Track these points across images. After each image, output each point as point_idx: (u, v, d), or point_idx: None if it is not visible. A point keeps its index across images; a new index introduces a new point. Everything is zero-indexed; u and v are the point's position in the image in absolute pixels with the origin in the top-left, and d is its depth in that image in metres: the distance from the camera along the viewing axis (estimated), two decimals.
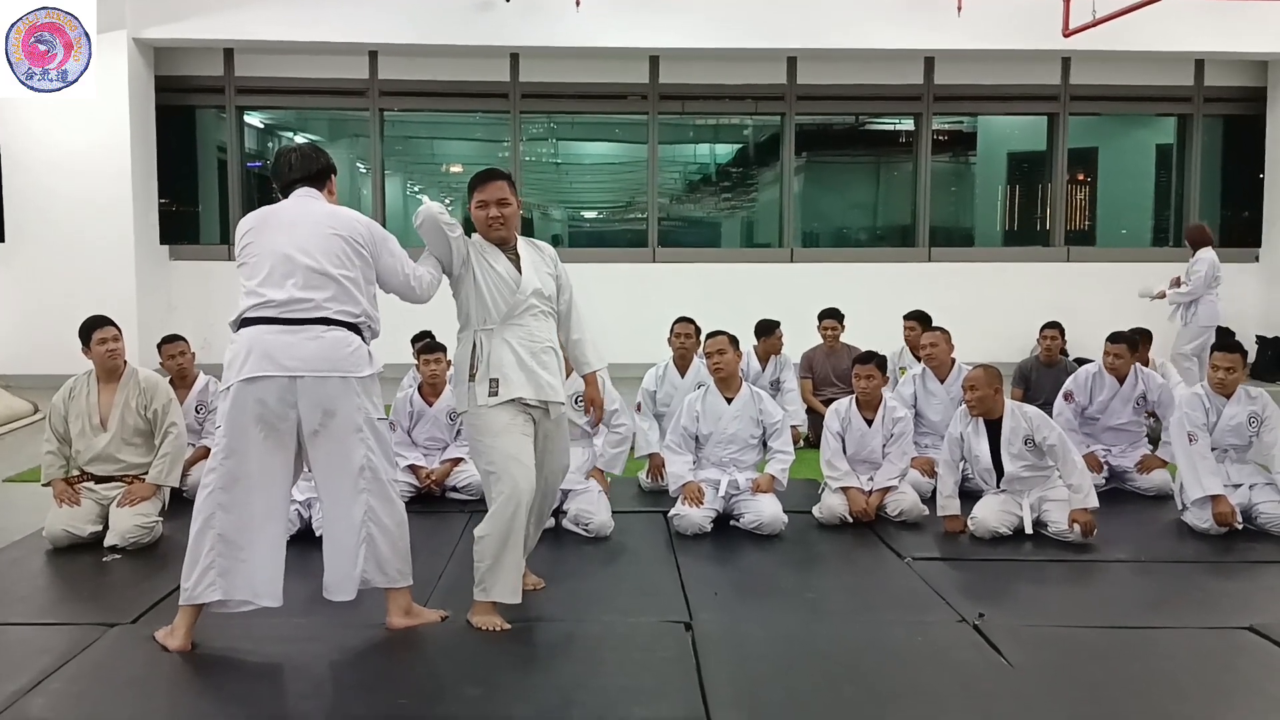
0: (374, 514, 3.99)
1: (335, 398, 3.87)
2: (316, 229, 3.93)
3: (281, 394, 3.81)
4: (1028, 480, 5.56)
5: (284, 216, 3.99)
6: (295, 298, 3.84)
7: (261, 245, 3.92)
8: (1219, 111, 12.79)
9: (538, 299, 4.26)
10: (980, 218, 13.88)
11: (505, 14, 11.05)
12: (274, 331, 3.82)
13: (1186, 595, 4.79)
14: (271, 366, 3.79)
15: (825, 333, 8.43)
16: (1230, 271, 12.41)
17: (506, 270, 4.22)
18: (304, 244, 3.88)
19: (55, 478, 5.43)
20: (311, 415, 3.86)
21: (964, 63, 12.14)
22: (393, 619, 4.10)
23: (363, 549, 3.99)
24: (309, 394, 3.83)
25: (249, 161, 12.43)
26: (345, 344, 3.89)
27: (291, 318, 3.83)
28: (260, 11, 10.97)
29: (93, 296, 9.68)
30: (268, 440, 3.87)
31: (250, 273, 3.91)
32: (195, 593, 3.87)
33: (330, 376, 3.85)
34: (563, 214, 14.21)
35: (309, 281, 3.86)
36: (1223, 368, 5.73)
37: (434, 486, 6.19)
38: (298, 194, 4.07)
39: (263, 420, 3.83)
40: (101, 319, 5.50)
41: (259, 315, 3.84)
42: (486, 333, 4.20)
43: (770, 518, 5.54)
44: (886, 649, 4.04)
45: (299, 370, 3.81)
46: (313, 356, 3.82)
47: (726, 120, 13.65)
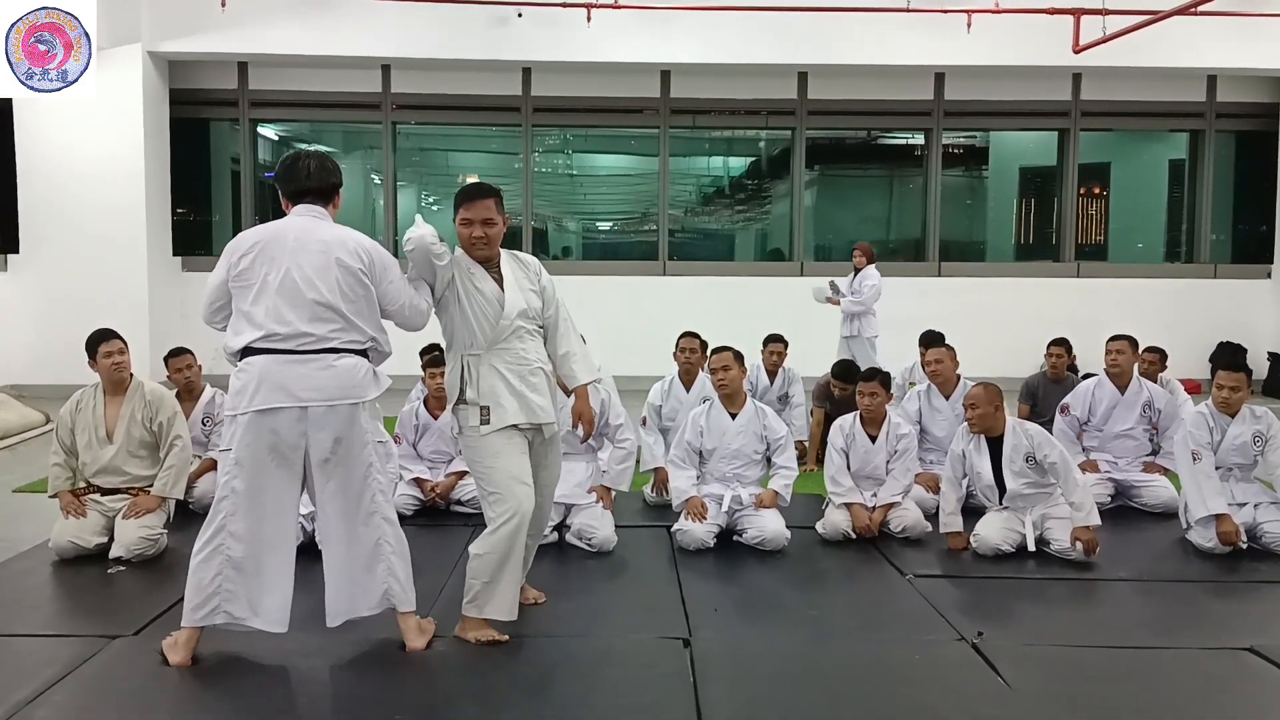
0: (387, 536, 4.04)
1: (346, 424, 3.89)
2: (322, 258, 3.88)
3: (294, 424, 3.82)
4: (1030, 497, 5.55)
5: (288, 240, 3.90)
6: (302, 331, 3.82)
7: (265, 271, 3.86)
8: (1231, 127, 12.78)
9: (523, 319, 4.23)
10: (992, 232, 13.87)
11: (517, 28, 11.12)
12: (284, 362, 3.81)
13: (1188, 615, 4.78)
14: (285, 398, 3.79)
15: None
16: (1242, 288, 12.46)
17: (491, 292, 4.17)
18: (309, 274, 3.85)
19: (62, 489, 5.46)
20: (323, 444, 3.87)
21: (974, 78, 12.16)
22: (412, 641, 4.09)
23: (381, 569, 4.03)
24: (321, 423, 3.84)
25: (264, 173, 12.54)
26: (355, 370, 3.91)
27: (301, 348, 3.83)
28: (274, 25, 11.07)
29: (106, 307, 9.75)
30: (280, 469, 3.88)
31: (253, 299, 3.86)
32: (198, 617, 3.89)
33: (342, 404, 3.87)
34: (576, 226, 14.25)
35: (316, 315, 3.85)
36: (1227, 387, 5.70)
37: (439, 500, 6.21)
38: (303, 210, 4.00)
39: (276, 450, 3.84)
40: (107, 332, 5.53)
41: (266, 346, 3.83)
42: (474, 357, 4.19)
43: (773, 533, 5.54)
44: (885, 668, 4.04)
45: (313, 400, 3.82)
46: (326, 386, 3.83)
47: (739, 134, 13.71)
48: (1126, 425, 6.76)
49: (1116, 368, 6.79)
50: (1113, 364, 6.80)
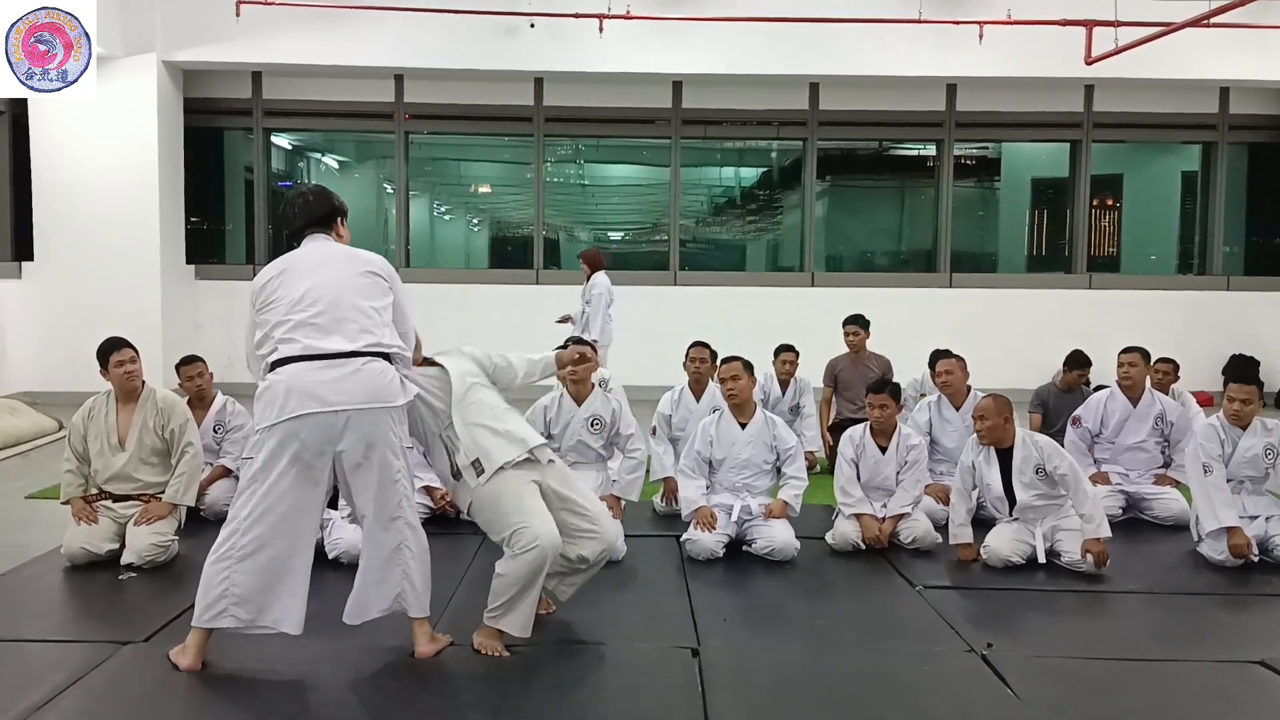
0: (408, 541, 4.06)
1: (378, 429, 3.90)
2: (345, 267, 3.99)
3: (324, 431, 3.81)
4: (1040, 509, 5.54)
5: (309, 260, 4.02)
6: (331, 333, 3.86)
7: (290, 289, 3.92)
8: (1244, 139, 12.76)
9: (473, 377, 4.33)
10: (1005, 243, 13.85)
11: (529, 38, 11.14)
12: (313, 369, 3.82)
13: (1199, 628, 4.75)
14: (316, 403, 3.79)
15: (849, 339, 8.38)
16: (1254, 300, 12.40)
17: (436, 376, 4.30)
18: (335, 281, 3.93)
19: (74, 496, 5.49)
20: (356, 448, 3.88)
21: (986, 89, 12.17)
22: (421, 646, 4.11)
23: (398, 573, 4.05)
24: (355, 427, 3.85)
25: (278, 181, 12.61)
26: (383, 374, 3.92)
27: (329, 352, 3.84)
28: (288, 35, 11.11)
29: (119, 315, 9.78)
30: (300, 476, 3.87)
31: (280, 316, 3.89)
32: (208, 618, 3.90)
33: (373, 408, 3.87)
34: (587, 236, 14.27)
35: (344, 315, 3.89)
36: (1238, 399, 5.69)
37: (449, 508, 6.21)
38: (311, 239, 4.11)
39: (299, 458, 3.84)
40: (119, 341, 5.54)
41: (293, 354, 3.84)
42: (449, 432, 4.23)
43: (783, 543, 5.54)
44: (893, 679, 4.03)
45: (345, 404, 3.81)
46: (356, 390, 3.84)
47: (751, 144, 13.72)
48: (1138, 438, 6.75)
49: (1129, 380, 6.77)
50: (1125, 376, 6.78)
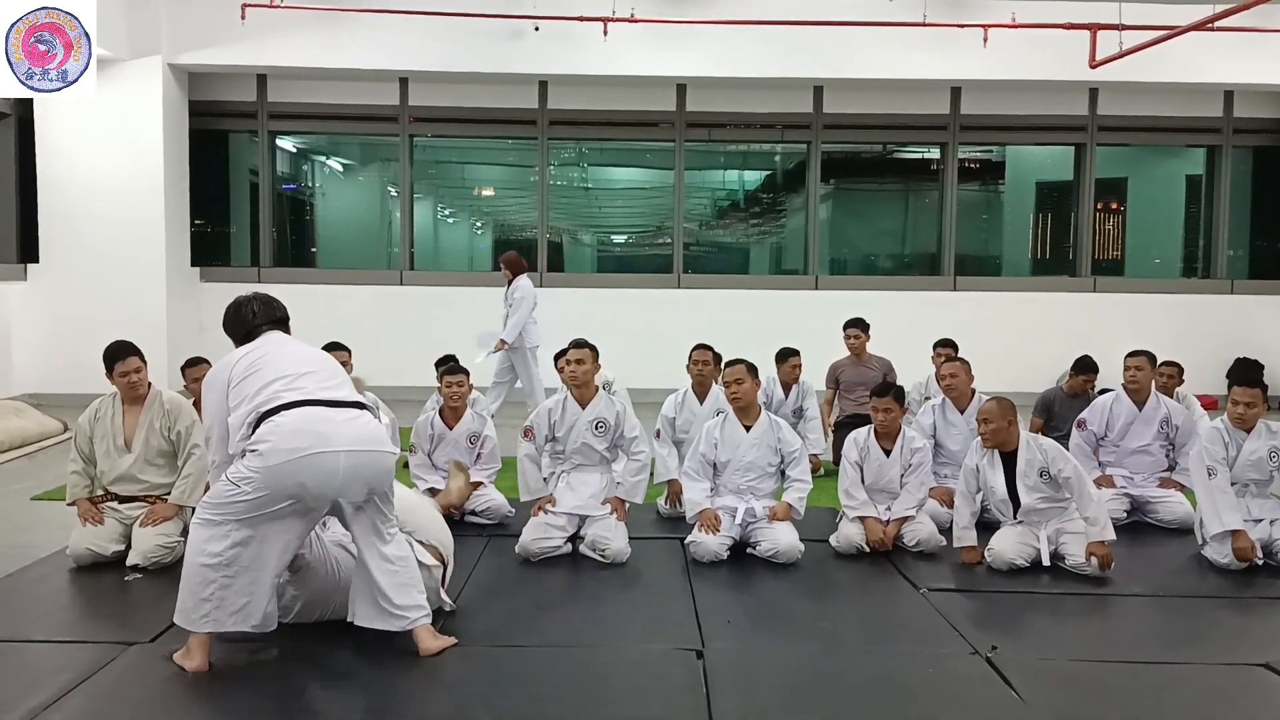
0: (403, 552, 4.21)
1: (380, 473, 4.04)
2: (310, 348, 4.31)
3: (328, 475, 3.88)
4: (1045, 512, 5.54)
5: (278, 343, 4.24)
6: (325, 385, 4.05)
7: (275, 358, 4.09)
8: (1249, 143, 12.75)
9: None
10: (1009, 246, 13.85)
11: (534, 42, 11.16)
12: (322, 412, 3.95)
13: (1203, 631, 4.76)
14: (323, 444, 3.88)
15: (850, 342, 8.40)
16: (1259, 304, 12.38)
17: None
18: (309, 354, 4.22)
19: (80, 497, 5.50)
20: (358, 491, 3.99)
21: (990, 93, 12.17)
22: (425, 643, 4.14)
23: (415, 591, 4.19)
24: (359, 470, 3.95)
25: (282, 185, 12.62)
26: (376, 425, 4.13)
27: (336, 400, 4.02)
28: (293, 38, 11.14)
29: (124, 317, 9.76)
30: (293, 512, 3.94)
31: (273, 374, 4.00)
32: (190, 620, 3.94)
33: (375, 451, 4.03)
34: (591, 239, 14.29)
35: (330, 374, 4.15)
36: (1242, 403, 5.68)
37: (453, 510, 6.22)
38: (269, 334, 4.28)
39: (297, 499, 3.90)
40: (124, 349, 5.52)
41: (300, 399, 3.94)
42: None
43: (787, 546, 5.54)
44: (897, 682, 4.04)
45: (352, 446, 3.94)
46: (360, 435, 3.99)
47: (755, 147, 13.73)
48: (1144, 441, 6.74)
49: (1135, 384, 6.76)
50: (1131, 380, 6.76)
